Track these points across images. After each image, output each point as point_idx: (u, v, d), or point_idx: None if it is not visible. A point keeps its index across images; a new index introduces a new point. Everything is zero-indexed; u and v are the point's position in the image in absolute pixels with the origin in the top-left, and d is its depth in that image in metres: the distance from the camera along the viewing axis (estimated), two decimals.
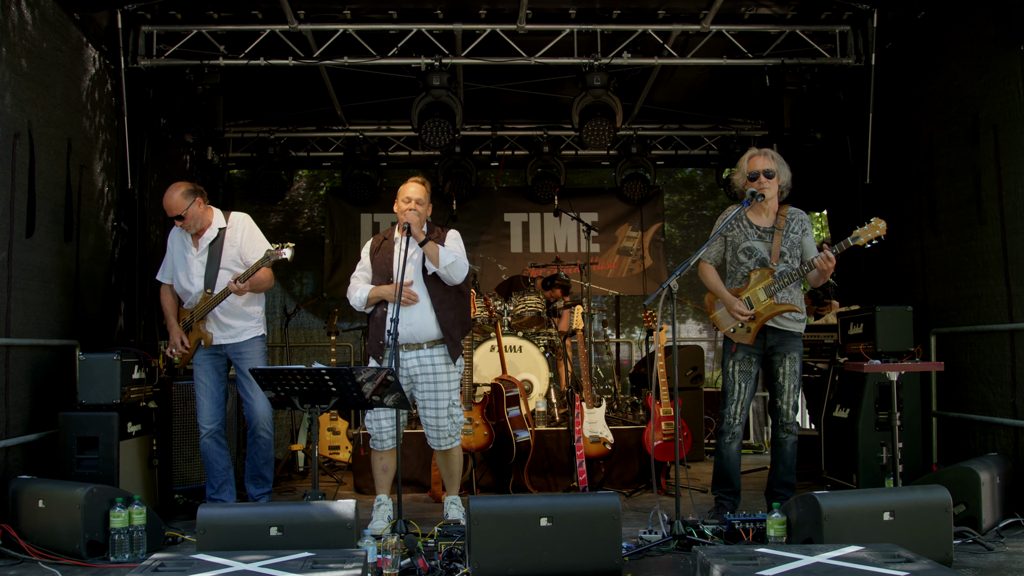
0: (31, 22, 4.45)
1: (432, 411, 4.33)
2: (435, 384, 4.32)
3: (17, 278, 4.25)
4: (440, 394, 4.32)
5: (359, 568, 2.81)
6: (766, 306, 4.29)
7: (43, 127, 4.56)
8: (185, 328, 4.59)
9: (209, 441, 4.55)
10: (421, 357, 4.32)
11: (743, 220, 4.38)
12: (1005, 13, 4.48)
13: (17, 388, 4.24)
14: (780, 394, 4.41)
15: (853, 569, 2.76)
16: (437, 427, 4.34)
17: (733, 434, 4.42)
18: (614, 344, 8.60)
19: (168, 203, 4.40)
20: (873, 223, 4.08)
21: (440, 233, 4.48)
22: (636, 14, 5.99)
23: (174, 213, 4.41)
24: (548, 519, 3.30)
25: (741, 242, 4.38)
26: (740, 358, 4.38)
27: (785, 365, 4.37)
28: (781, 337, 4.37)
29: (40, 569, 3.56)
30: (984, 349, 4.73)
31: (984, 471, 3.95)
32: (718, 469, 4.49)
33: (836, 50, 6.10)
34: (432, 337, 4.33)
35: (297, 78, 6.66)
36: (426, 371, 4.32)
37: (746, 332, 4.33)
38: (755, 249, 4.35)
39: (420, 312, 4.29)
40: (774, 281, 4.27)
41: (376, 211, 8.79)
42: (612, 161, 8.59)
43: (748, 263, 4.36)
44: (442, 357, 4.35)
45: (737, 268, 4.41)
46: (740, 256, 4.39)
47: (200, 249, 4.52)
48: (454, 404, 4.37)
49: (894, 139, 5.69)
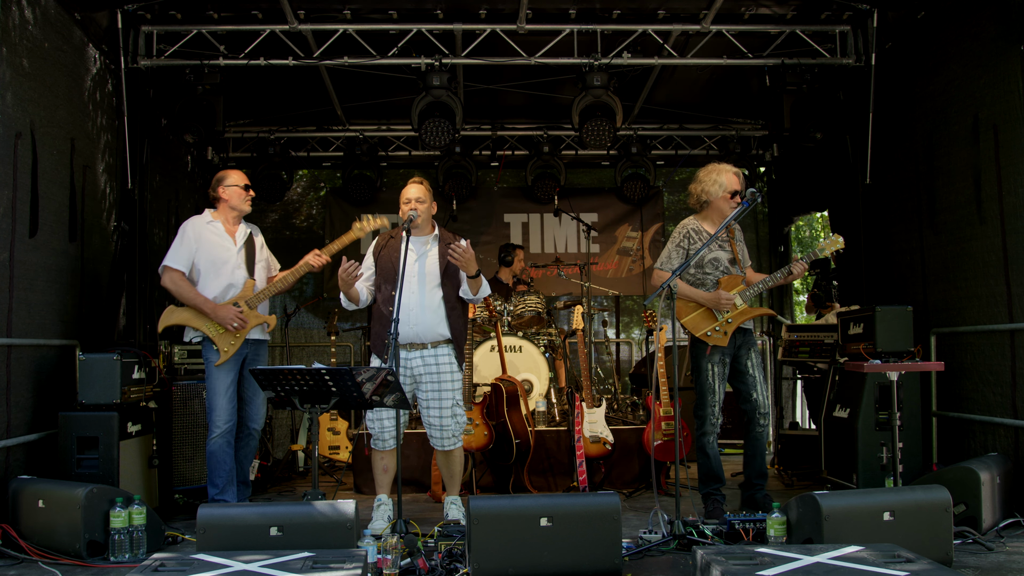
0: (32, 22, 4.46)
1: (436, 411, 4.33)
2: (439, 384, 4.33)
3: (20, 278, 4.25)
4: (444, 394, 4.33)
5: (359, 568, 2.81)
6: (742, 310, 4.52)
7: (46, 127, 4.56)
8: None
9: (221, 441, 4.46)
10: (426, 357, 4.33)
11: (702, 233, 4.58)
12: (1005, 13, 4.48)
13: (19, 388, 4.24)
14: (755, 386, 4.60)
15: (853, 569, 2.76)
16: (441, 427, 4.34)
17: (716, 433, 4.57)
18: (614, 344, 8.61)
19: (242, 175, 4.75)
20: (833, 237, 4.47)
21: (452, 238, 4.47)
22: (636, 14, 5.99)
23: (247, 182, 4.72)
24: (548, 519, 3.30)
25: (706, 254, 4.57)
26: (716, 360, 4.53)
27: (752, 358, 4.60)
28: (745, 336, 4.63)
29: (40, 569, 3.56)
30: (984, 349, 4.73)
31: (984, 471, 3.95)
32: (706, 468, 4.58)
33: (836, 50, 6.09)
34: (438, 338, 4.34)
35: (297, 78, 6.66)
36: (431, 371, 4.32)
37: (723, 335, 4.49)
38: (719, 259, 4.60)
39: (428, 313, 4.30)
40: (747, 287, 4.54)
41: (376, 211, 8.63)
42: (612, 161, 8.59)
43: (715, 273, 4.58)
44: (447, 357, 4.36)
45: (704, 278, 4.59)
46: (706, 268, 4.59)
47: (239, 244, 4.64)
48: (457, 404, 4.38)
49: (894, 139, 5.69)
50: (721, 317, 4.49)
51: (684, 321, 4.54)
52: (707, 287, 4.56)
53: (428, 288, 4.32)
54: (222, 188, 4.64)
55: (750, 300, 4.55)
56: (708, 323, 4.50)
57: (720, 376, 4.52)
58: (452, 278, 4.39)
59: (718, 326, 4.48)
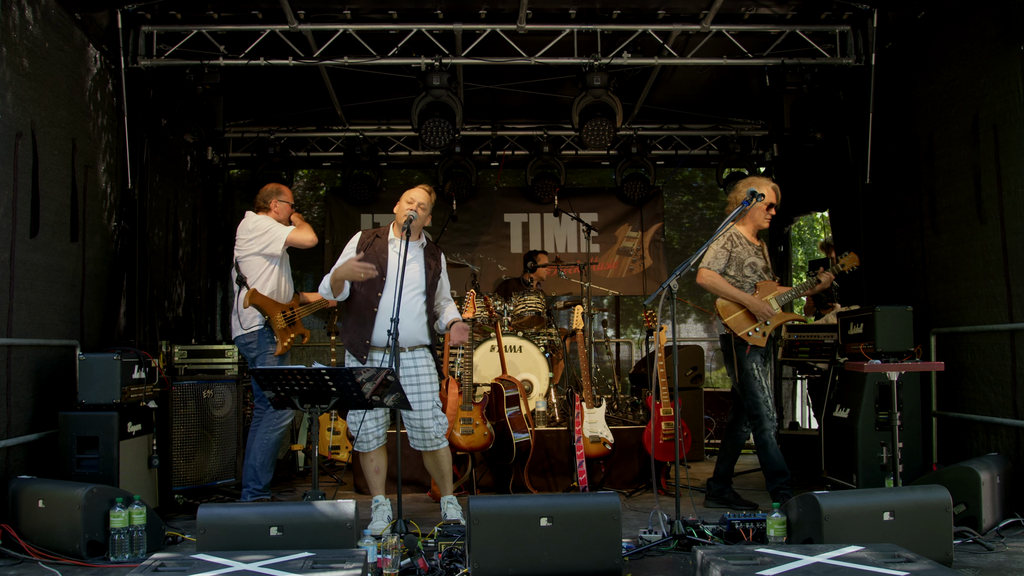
0: (32, 22, 4.45)
1: (416, 413, 4.31)
2: (419, 387, 4.33)
3: (20, 278, 4.25)
4: (424, 395, 4.33)
5: (359, 568, 2.82)
6: (779, 315, 4.79)
7: (46, 127, 4.56)
8: (289, 322, 4.93)
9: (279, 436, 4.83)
10: (404, 360, 4.32)
11: (743, 238, 4.86)
12: (1005, 13, 4.47)
13: (19, 388, 4.24)
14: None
15: (853, 569, 2.76)
16: (422, 428, 4.33)
17: (776, 428, 4.75)
18: (614, 344, 8.60)
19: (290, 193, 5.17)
20: (850, 256, 4.91)
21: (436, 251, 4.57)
22: (636, 14, 5.99)
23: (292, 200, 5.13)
24: (548, 519, 3.30)
25: (745, 258, 4.82)
26: (758, 359, 4.77)
27: (770, 364, 4.97)
28: (770, 340, 4.89)
29: (40, 569, 3.56)
30: (984, 349, 4.73)
31: (984, 471, 3.95)
32: (772, 463, 4.72)
33: (836, 50, 6.09)
34: (419, 342, 4.37)
35: (297, 78, 6.66)
36: (409, 373, 4.33)
37: (762, 335, 4.74)
38: (756, 264, 4.85)
39: (411, 319, 4.30)
40: (784, 292, 4.81)
41: (376, 211, 8.79)
42: (612, 161, 8.59)
43: (752, 276, 4.83)
44: (424, 360, 4.39)
45: (743, 281, 4.82)
46: (745, 271, 4.82)
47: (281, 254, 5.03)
48: (437, 405, 4.39)
49: (894, 139, 5.69)
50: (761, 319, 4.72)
51: (727, 320, 4.74)
52: (745, 290, 4.80)
53: (412, 295, 4.32)
54: (276, 201, 5.04)
55: (783, 305, 4.84)
56: (750, 323, 4.74)
57: (764, 373, 4.77)
58: (432, 290, 4.45)
59: (758, 327, 4.73)
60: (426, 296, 4.38)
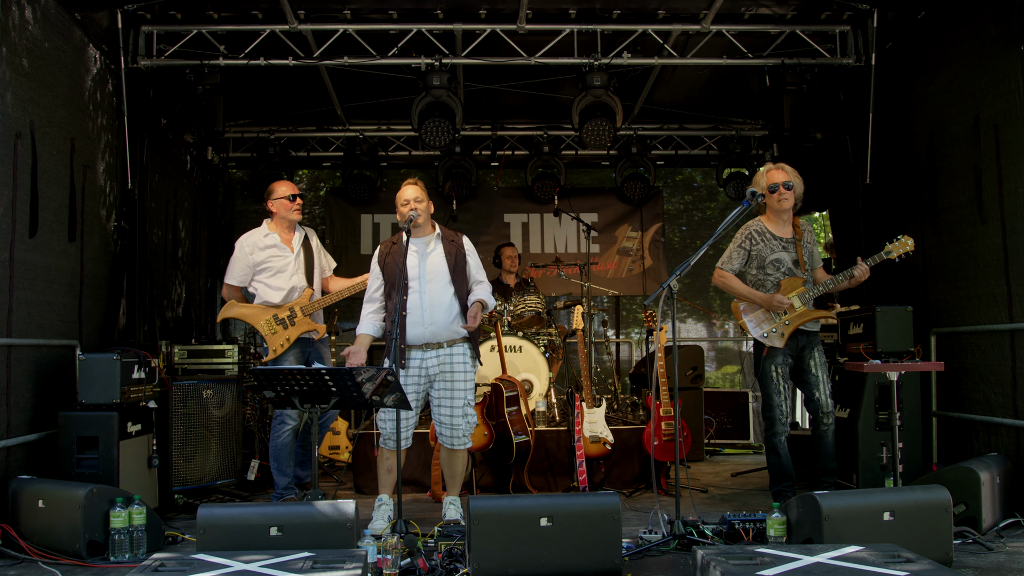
0: (32, 22, 4.45)
1: (447, 409, 4.33)
2: (452, 383, 4.33)
3: (19, 278, 4.25)
4: (457, 393, 4.33)
5: (359, 568, 2.81)
6: (800, 312, 4.58)
7: (46, 127, 4.56)
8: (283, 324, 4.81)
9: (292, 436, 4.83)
10: (441, 356, 4.33)
11: (766, 234, 4.67)
12: (1005, 13, 4.47)
13: (19, 388, 4.24)
14: (817, 385, 4.66)
15: (853, 569, 2.76)
16: (452, 425, 4.34)
17: (787, 432, 4.66)
18: (614, 344, 8.60)
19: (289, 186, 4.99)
20: (903, 240, 4.46)
21: (454, 236, 4.48)
22: (636, 14, 5.99)
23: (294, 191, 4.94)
24: (548, 519, 3.30)
25: (767, 255, 4.65)
26: (779, 361, 4.62)
27: (816, 357, 4.67)
28: (808, 337, 4.69)
29: (40, 569, 3.56)
30: (984, 349, 4.72)
31: (984, 471, 3.95)
32: (777, 467, 4.68)
33: (836, 50, 6.09)
34: (454, 336, 4.34)
35: (297, 78, 6.66)
36: (445, 370, 4.32)
37: (780, 336, 4.58)
38: (782, 260, 4.66)
39: (441, 312, 4.29)
40: (807, 289, 4.60)
41: (376, 211, 8.79)
42: (612, 161, 8.59)
43: (775, 275, 4.65)
44: (462, 356, 4.36)
45: (765, 279, 4.67)
46: (767, 268, 4.66)
47: (295, 251, 4.90)
48: (469, 404, 4.38)
49: (894, 139, 5.69)
50: (779, 319, 4.59)
51: (742, 322, 4.67)
52: (767, 288, 4.65)
53: (439, 287, 4.31)
54: (271, 201, 4.92)
55: (809, 302, 4.61)
56: (768, 323, 4.61)
57: (784, 376, 4.62)
58: (461, 275, 4.39)
59: (775, 327, 4.58)
60: (454, 285, 4.34)
